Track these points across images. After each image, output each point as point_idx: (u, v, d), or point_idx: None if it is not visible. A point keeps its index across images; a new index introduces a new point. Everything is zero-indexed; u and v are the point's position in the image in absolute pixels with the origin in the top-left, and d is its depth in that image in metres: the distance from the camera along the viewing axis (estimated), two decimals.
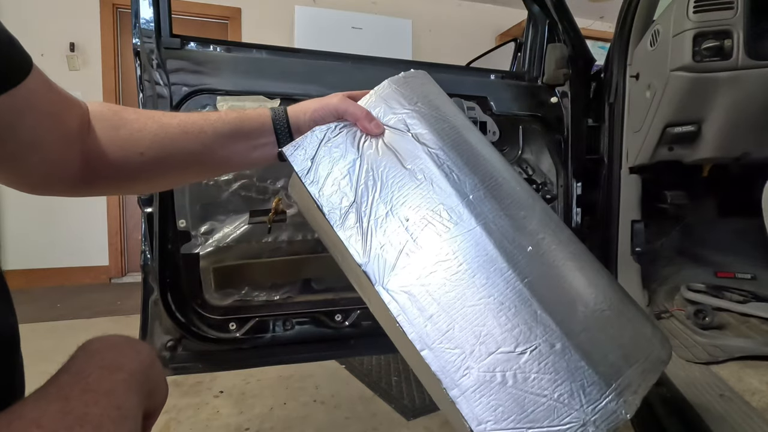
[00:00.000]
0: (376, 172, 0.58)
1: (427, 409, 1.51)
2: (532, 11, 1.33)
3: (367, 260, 0.54)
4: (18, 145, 0.44)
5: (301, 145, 0.59)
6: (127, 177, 0.55)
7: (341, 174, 0.58)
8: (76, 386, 0.31)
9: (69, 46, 3.19)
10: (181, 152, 0.56)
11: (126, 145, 0.53)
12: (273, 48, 1.10)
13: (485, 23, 4.11)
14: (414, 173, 0.58)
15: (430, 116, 0.62)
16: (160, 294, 0.97)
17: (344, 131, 0.60)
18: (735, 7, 0.91)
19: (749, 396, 0.79)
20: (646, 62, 1.11)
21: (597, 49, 3.37)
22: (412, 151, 0.59)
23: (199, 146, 0.56)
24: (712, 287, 1.20)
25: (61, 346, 0.36)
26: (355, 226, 0.56)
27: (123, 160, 0.53)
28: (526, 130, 1.28)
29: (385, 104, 0.62)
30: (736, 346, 0.94)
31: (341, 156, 0.59)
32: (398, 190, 0.57)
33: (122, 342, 0.39)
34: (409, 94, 0.63)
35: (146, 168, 0.55)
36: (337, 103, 0.60)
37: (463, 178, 0.58)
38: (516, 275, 0.53)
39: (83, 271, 3.31)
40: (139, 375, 0.37)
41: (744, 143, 1.03)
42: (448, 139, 0.61)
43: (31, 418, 0.28)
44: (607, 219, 1.21)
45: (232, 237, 1.02)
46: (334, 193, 0.57)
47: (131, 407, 0.34)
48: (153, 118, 0.55)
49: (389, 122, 0.61)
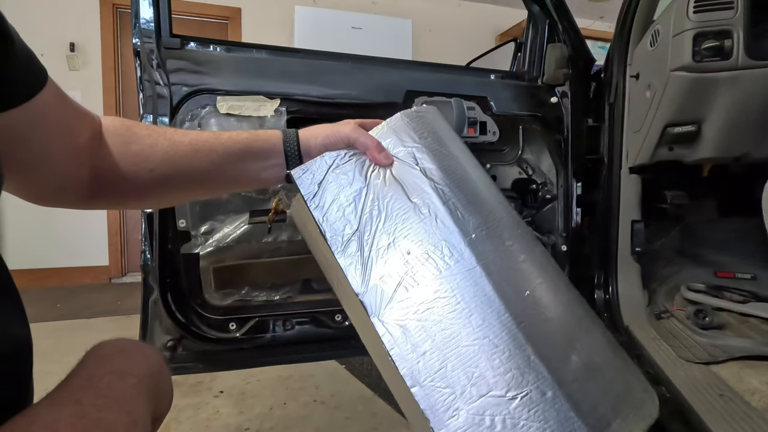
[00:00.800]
0: (382, 202, 0.58)
1: None
2: (532, 11, 1.33)
3: (365, 290, 0.54)
4: (29, 156, 0.44)
5: (309, 169, 0.59)
6: (135, 192, 0.55)
7: (347, 201, 0.58)
8: (88, 391, 0.32)
9: (69, 46, 3.19)
10: (190, 170, 0.56)
11: (137, 160, 0.53)
12: (273, 48, 1.10)
13: (485, 23, 4.11)
14: (419, 207, 0.58)
15: (438, 152, 0.62)
16: (160, 294, 0.97)
17: (353, 159, 0.60)
18: (735, 7, 0.91)
19: (749, 396, 0.79)
20: (646, 62, 1.11)
21: (597, 49, 3.37)
22: (419, 185, 0.59)
23: (208, 165, 0.57)
24: (712, 287, 1.20)
25: (61, 346, 0.36)
26: (356, 254, 0.56)
27: (133, 175, 0.53)
28: (526, 130, 1.28)
29: (395, 136, 0.62)
30: (736, 346, 0.94)
31: (348, 183, 0.59)
32: (402, 223, 0.57)
33: (131, 346, 0.40)
34: (419, 129, 0.63)
35: (155, 184, 0.55)
36: (349, 131, 0.60)
37: (468, 217, 0.58)
38: (512, 319, 0.53)
39: (83, 271, 3.31)
40: (148, 380, 0.38)
41: (744, 143, 1.03)
42: (455, 176, 0.61)
43: (47, 422, 0.28)
44: (607, 219, 1.21)
45: (232, 237, 1.02)
46: (338, 220, 0.57)
47: (141, 413, 0.34)
48: (164, 135, 0.55)
49: (398, 154, 0.61)
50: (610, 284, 1.20)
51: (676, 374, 0.88)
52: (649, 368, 0.93)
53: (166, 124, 0.97)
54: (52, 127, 0.45)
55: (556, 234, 1.28)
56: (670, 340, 1.02)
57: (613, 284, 1.19)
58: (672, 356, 0.95)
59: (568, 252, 1.26)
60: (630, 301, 1.17)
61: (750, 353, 0.91)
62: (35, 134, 0.43)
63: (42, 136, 0.44)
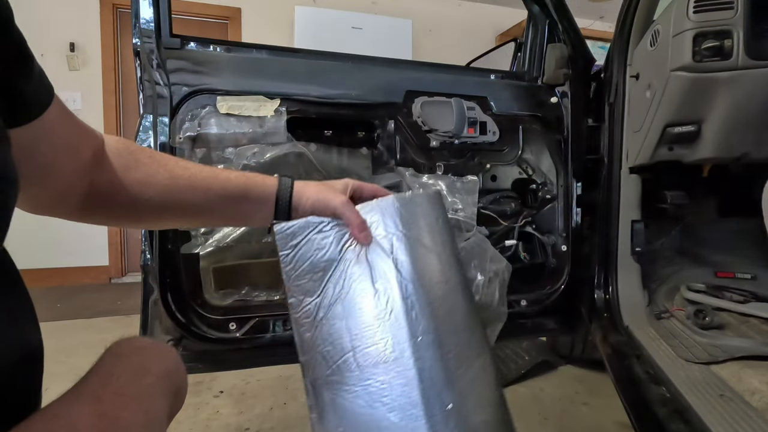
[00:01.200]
0: (348, 279, 0.60)
1: None
2: (532, 11, 1.33)
3: (307, 357, 0.59)
4: (32, 171, 0.44)
5: (291, 228, 0.61)
6: (128, 215, 0.56)
7: (316, 268, 0.61)
8: (107, 389, 0.32)
9: (69, 46, 3.19)
10: (185, 204, 0.57)
11: (135, 187, 0.54)
12: (273, 48, 1.10)
13: (485, 23, 4.11)
14: (379, 294, 0.59)
15: (417, 245, 0.63)
16: (160, 294, 0.97)
17: (335, 229, 0.62)
18: (735, 7, 0.91)
19: (749, 396, 0.79)
20: (646, 62, 1.11)
21: (597, 49, 3.36)
22: (386, 274, 0.60)
23: (203, 202, 0.58)
24: (712, 287, 1.20)
25: (61, 346, 0.36)
26: (309, 319, 0.59)
27: (129, 200, 0.54)
28: (526, 130, 1.28)
29: (381, 217, 0.63)
30: (736, 346, 0.94)
31: (323, 252, 0.61)
32: (359, 305, 0.59)
33: (148, 345, 0.41)
34: (407, 216, 0.64)
35: (149, 211, 0.56)
36: (338, 205, 0.61)
37: (421, 318, 0.60)
38: (427, 428, 0.55)
39: (83, 271, 3.31)
40: (165, 379, 0.38)
41: (744, 143, 1.03)
42: (424, 275, 0.62)
43: (68, 419, 0.29)
44: (607, 219, 1.21)
45: (232, 237, 1.02)
46: (303, 283, 0.60)
47: (158, 412, 0.35)
48: (165, 167, 0.56)
49: (378, 237, 0.62)
50: (610, 284, 1.20)
51: (676, 374, 0.88)
52: (649, 368, 0.93)
53: (166, 124, 0.97)
54: (57, 143, 0.45)
55: (556, 234, 1.28)
56: (670, 340, 1.02)
57: (613, 284, 1.19)
58: (672, 356, 0.95)
59: (568, 252, 1.26)
60: (630, 301, 1.17)
61: (750, 353, 0.91)
62: (40, 150, 0.43)
63: (46, 152, 0.44)
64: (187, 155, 0.98)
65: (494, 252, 1.14)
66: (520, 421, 1.47)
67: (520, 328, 1.26)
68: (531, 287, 1.27)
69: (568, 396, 1.62)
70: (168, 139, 0.97)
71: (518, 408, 1.54)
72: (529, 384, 1.71)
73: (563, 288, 1.25)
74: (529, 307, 1.24)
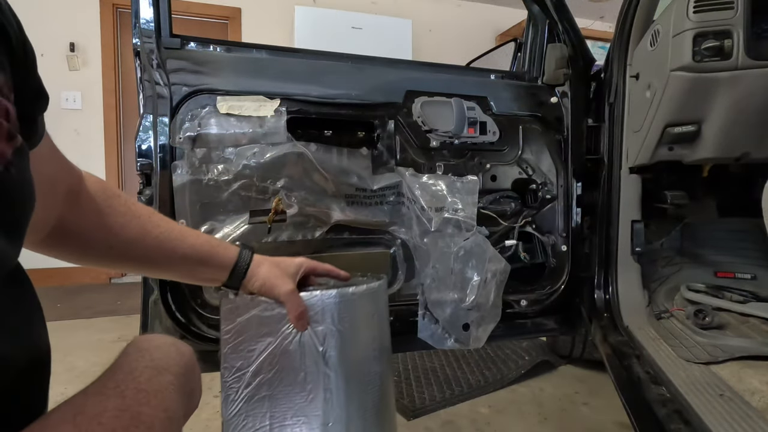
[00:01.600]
0: (280, 360, 0.65)
1: (427, 409, 1.51)
2: (532, 11, 1.33)
3: (229, 419, 0.65)
4: None
5: (237, 305, 0.67)
6: (86, 256, 0.57)
7: (252, 345, 0.65)
8: (130, 384, 0.33)
9: (69, 46, 3.19)
10: (147, 259, 0.60)
11: (103, 232, 0.54)
12: (273, 48, 1.10)
13: (485, 23, 4.11)
14: (305, 379, 0.66)
15: (348, 341, 0.69)
16: (160, 294, 0.97)
17: (277, 312, 0.66)
18: (735, 7, 0.91)
19: (749, 396, 0.79)
20: (646, 62, 1.11)
21: (597, 49, 3.37)
22: (314, 362, 0.66)
23: (164, 261, 0.61)
24: (712, 287, 1.20)
25: (61, 346, 0.37)
26: (237, 386, 0.65)
27: (95, 242, 0.55)
28: (526, 130, 1.28)
29: (322, 310, 0.68)
30: (736, 346, 0.94)
31: (262, 330, 0.66)
32: (284, 384, 0.65)
33: (167, 343, 0.41)
34: (344, 312, 0.69)
35: (108, 256, 0.57)
36: (282, 294, 0.65)
37: (335, 407, 0.66)
38: None
39: (83, 271, 3.31)
40: (182, 377, 0.39)
41: (744, 143, 1.03)
42: (349, 369, 0.69)
43: (93, 414, 0.30)
44: (607, 219, 1.21)
45: (232, 237, 1.02)
46: (239, 355, 0.65)
47: (176, 409, 0.36)
48: (139, 220, 0.57)
49: (315, 326, 0.67)
50: (610, 284, 1.20)
51: (676, 374, 0.88)
52: (649, 368, 0.93)
53: (166, 124, 0.97)
54: (38, 178, 0.45)
55: (556, 234, 1.28)
56: (670, 340, 1.02)
57: (613, 284, 1.19)
58: (672, 356, 0.95)
59: (568, 252, 1.26)
60: (630, 301, 1.17)
61: (750, 353, 0.91)
62: None
63: None
64: (187, 155, 0.98)
65: (493, 252, 1.14)
66: (520, 421, 1.48)
67: (520, 328, 1.26)
68: (531, 287, 1.27)
69: (568, 396, 1.62)
70: (168, 139, 0.97)
71: (518, 408, 1.54)
72: (529, 384, 1.71)
73: (563, 288, 1.25)
74: (529, 307, 1.24)
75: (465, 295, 1.12)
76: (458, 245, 1.13)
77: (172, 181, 0.97)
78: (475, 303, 1.10)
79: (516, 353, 1.90)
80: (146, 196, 0.97)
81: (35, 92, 0.37)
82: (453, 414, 1.50)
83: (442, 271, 1.13)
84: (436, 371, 1.78)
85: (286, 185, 1.04)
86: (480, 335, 1.12)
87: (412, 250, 1.18)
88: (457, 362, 1.86)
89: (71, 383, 0.40)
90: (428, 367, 1.82)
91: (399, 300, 1.16)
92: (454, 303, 1.12)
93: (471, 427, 1.42)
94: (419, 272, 1.16)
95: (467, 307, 1.11)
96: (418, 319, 1.13)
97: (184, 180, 0.98)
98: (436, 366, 1.83)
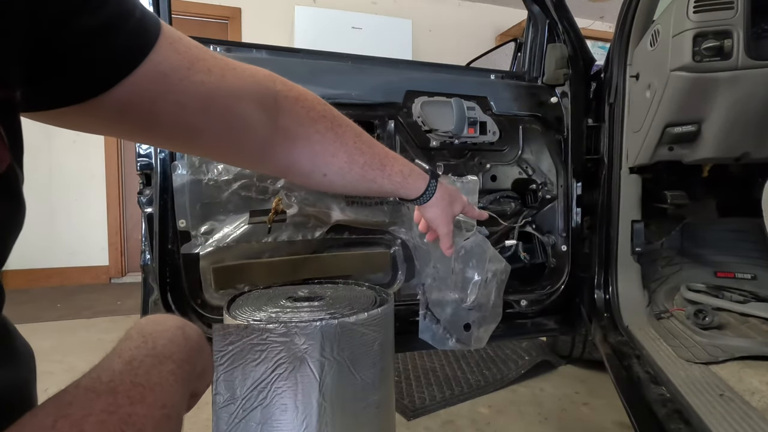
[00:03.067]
0: (273, 391, 0.64)
1: (427, 409, 1.51)
2: (532, 11, 1.33)
3: None
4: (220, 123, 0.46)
5: (228, 331, 0.64)
6: (310, 183, 0.59)
7: (247, 372, 0.64)
8: (126, 377, 0.31)
9: None
10: (348, 186, 0.62)
11: (316, 161, 0.56)
12: (273, 48, 1.10)
13: (485, 23, 4.11)
14: (298, 412, 0.65)
15: (347, 371, 0.68)
16: (160, 294, 0.97)
17: (273, 340, 0.65)
18: (735, 7, 0.91)
19: (749, 396, 0.79)
20: (646, 62, 1.11)
21: (597, 49, 3.37)
22: (310, 395, 0.65)
23: (363, 189, 0.63)
24: (712, 287, 1.20)
25: (61, 346, 0.36)
26: (229, 415, 0.63)
27: (310, 175, 0.57)
28: (526, 130, 1.28)
29: (320, 341, 0.66)
30: (736, 346, 0.94)
31: (257, 358, 0.64)
32: (277, 416, 0.64)
33: (174, 327, 0.39)
34: (345, 342, 0.68)
35: (322, 184, 0.59)
36: (443, 235, 0.77)
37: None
38: None
39: (83, 271, 3.31)
40: (187, 365, 0.37)
41: (744, 143, 1.03)
42: (346, 399, 0.68)
43: (76, 418, 0.27)
44: (607, 219, 1.21)
45: (232, 237, 1.02)
46: (231, 383, 0.63)
47: (175, 404, 0.34)
48: (344, 147, 0.58)
49: (314, 356, 0.66)
50: (610, 284, 1.20)
51: (676, 374, 0.88)
52: (649, 368, 0.93)
53: None
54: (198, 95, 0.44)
55: (556, 234, 1.28)
56: (670, 340, 1.02)
57: (613, 284, 1.19)
58: (672, 356, 0.95)
59: (568, 252, 1.26)
60: (630, 301, 1.17)
61: (750, 353, 0.91)
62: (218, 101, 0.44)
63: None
64: (187, 155, 0.98)
65: (494, 252, 1.14)
66: (520, 421, 1.48)
67: (520, 328, 1.26)
68: (531, 287, 1.27)
69: (568, 396, 1.62)
70: None
71: (518, 408, 1.54)
72: (529, 384, 1.71)
73: (563, 288, 1.25)
74: (529, 307, 1.24)
75: (466, 295, 1.12)
76: (458, 245, 1.13)
77: (172, 181, 0.97)
78: (476, 303, 1.10)
79: (516, 353, 1.90)
80: (146, 196, 0.97)
81: (81, 35, 0.34)
82: (453, 414, 1.50)
83: (443, 271, 1.13)
84: (436, 371, 1.78)
85: (286, 185, 1.04)
86: (481, 335, 1.12)
87: (412, 250, 1.18)
88: (457, 362, 1.86)
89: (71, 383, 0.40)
90: (428, 367, 1.82)
91: (399, 300, 1.16)
92: (454, 303, 1.12)
93: (471, 427, 1.42)
94: (420, 272, 1.16)
95: (468, 307, 1.11)
96: (420, 319, 1.13)
97: (184, 180, 0.98)
98: (436, 366, 1.83)
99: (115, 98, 0.37)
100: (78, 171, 3.30)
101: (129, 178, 3.46)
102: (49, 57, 0.33)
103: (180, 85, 0.40)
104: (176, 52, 0.40)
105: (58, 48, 0.33)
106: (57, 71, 0.34)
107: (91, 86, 0.36)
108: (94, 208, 3.33)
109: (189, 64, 0.41)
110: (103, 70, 0.36)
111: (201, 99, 0.42)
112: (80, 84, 0.36)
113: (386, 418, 0.77)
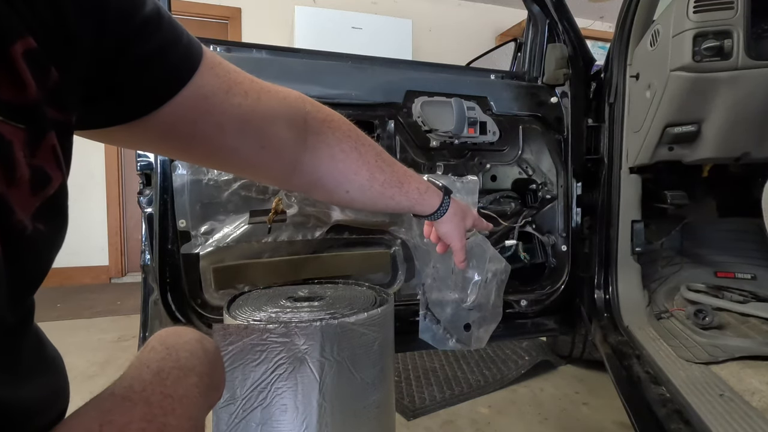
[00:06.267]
0: (273, 391, 0.65)
1: (427, 409, 1.51)
2: (532, 11, 1.33)
3: None
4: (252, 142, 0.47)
5: (228, 332, 0.65)
6: (333, 200, 0.62)
7: (243, 373, 0.64)
8: (157, 388, 0.32)
9: None
10: (367, 204, 0.63)
11: (339, 178, 0.58)
12: (273, 48, 1.10)
13: (485, 23, 4.11)
14: (298, 413, 0.65)
15: (346, 371, 0.69)
16: (160, 294, 0.97)
17: (273, 341, 0.65)
18: (735, 7, 0.91)
19: (749, 396, 0.79)
20: (646, 62, 1.11)
21: (597, 49, 3.37)
22: (309, 395, 0.65)
23: (380, 206, 0.65)
24: (712, 287, 1.20)
25: (61, 346, 0.36)
26: (229, 415, 0.64)
27: (334, 192, 0.59)
28: (526, 130, 1.28)
29: (320, 341, 0.66)
30: (736, 346, 0.94)
31: (257, 358, 0.65)
32: (276, 417, 0.65)
33: (193, 339, 0.40)
34: (344, 342, 0.69)
35: (344, 200, 0.61)
36: (456, 249, 0.80)
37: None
38: None
39: (83, 271, 3.31)
40: (207, 378, 0.38)
41: (744, 143, 1.03)
42: (346, 398, 0.68)
43: (120, 424, 0.28)
44: (607, 219, 1.21)
45: (232, 237, 1.02)
46: (228, 385, 0.63)
47: (200, 416, 0.35)
48: (366, 166, 0.59)
49: (314, 357, 0.66)
50: (610, 284, 1.20)
51: (676, 374, 0.88)
52: (649, 368, 0.93)
53: None
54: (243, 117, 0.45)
55: (556, 234, 1.28)
56: (670, 340, 1.02)
57: (613, 284, 1.19)
58: (672, 356, 0.95)
59: (568, 252, 1.26)
60: (630, 301, 1.17)
61: (750, 353, 0.91)
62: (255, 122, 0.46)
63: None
64: None
65: (494, 252, 1.14)
66: (520, 421, 1.48)
67: (520, 328, 1.26)
68: (531, 287, 1.27)
69: (568, 396, 1.62)
70: None
71: (518, 408, 1.54)
72: (529, 384, 1.71)
73: (563, 288, 1.25)
74: (529, 307, 1.24)
75: (466, 295, 1.12)
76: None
77: (172, 181, 0.97)
78: (476, 303, 1.10)
79: (516, 353, 1.90)
80: (146, 196, 0.97)
81: (139, 60, 0.35)
82: (453, 414, 1.50)
83: (443, 270, 1.13)
84: (436, 371, 1.78)
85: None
86: (482, 335, 1.12)
87: (412, 250, 1.18)
88: (457, 362, 1.86)
89: (71, 383, 0.40)
90: (428, 367, 1.82)
91: (399, 300, 1.16)
92: (454, 303, 1.12)
93: (471, 427, 1.42)
94: (420, 272, 1.16)
95: (468, 307, 1.11)
96: (420, 319, 1.13)
97: (184, 180, 0.98)
98: (436, 366, 1.83)
99: (160, 118, 0.39)
100: (78, 171, 3.30)
101: (129, 178, 3.45)
102: (107, 80, 0.34)
103: (220, 107, 0.42)
104: (216, 76, 0.42)
105: (116, 72, 0.35)
106: (113, 94, 0.36)
107: (141, 107, 0.38)
108: (94, 208, 3.33)
109: (228, 88, 0.43)
110: (154, 92, 0.38)
111: (238, 120, 0.44)
112: (131, 105, 0.38)
113: (386, 418, 0.77)
